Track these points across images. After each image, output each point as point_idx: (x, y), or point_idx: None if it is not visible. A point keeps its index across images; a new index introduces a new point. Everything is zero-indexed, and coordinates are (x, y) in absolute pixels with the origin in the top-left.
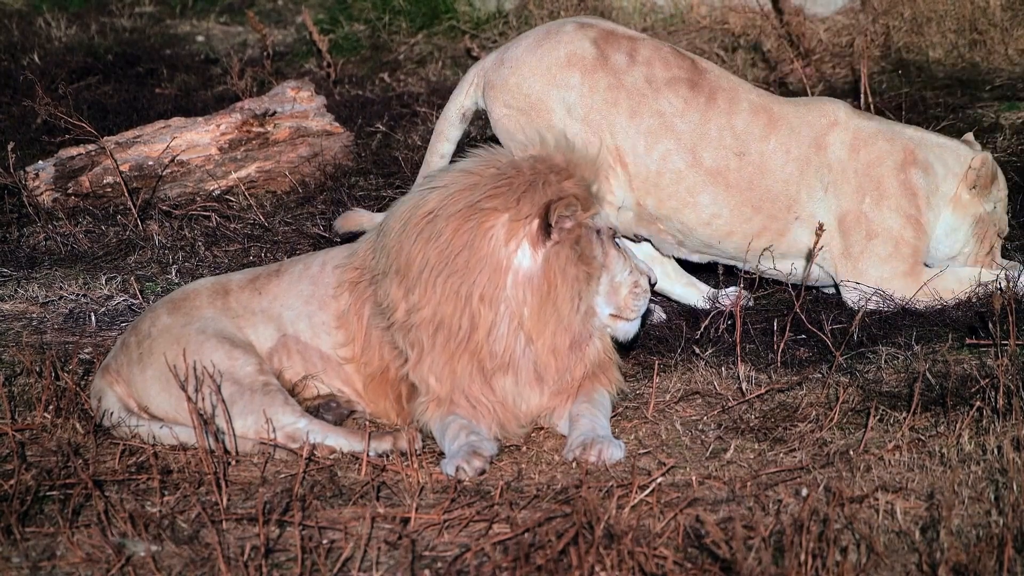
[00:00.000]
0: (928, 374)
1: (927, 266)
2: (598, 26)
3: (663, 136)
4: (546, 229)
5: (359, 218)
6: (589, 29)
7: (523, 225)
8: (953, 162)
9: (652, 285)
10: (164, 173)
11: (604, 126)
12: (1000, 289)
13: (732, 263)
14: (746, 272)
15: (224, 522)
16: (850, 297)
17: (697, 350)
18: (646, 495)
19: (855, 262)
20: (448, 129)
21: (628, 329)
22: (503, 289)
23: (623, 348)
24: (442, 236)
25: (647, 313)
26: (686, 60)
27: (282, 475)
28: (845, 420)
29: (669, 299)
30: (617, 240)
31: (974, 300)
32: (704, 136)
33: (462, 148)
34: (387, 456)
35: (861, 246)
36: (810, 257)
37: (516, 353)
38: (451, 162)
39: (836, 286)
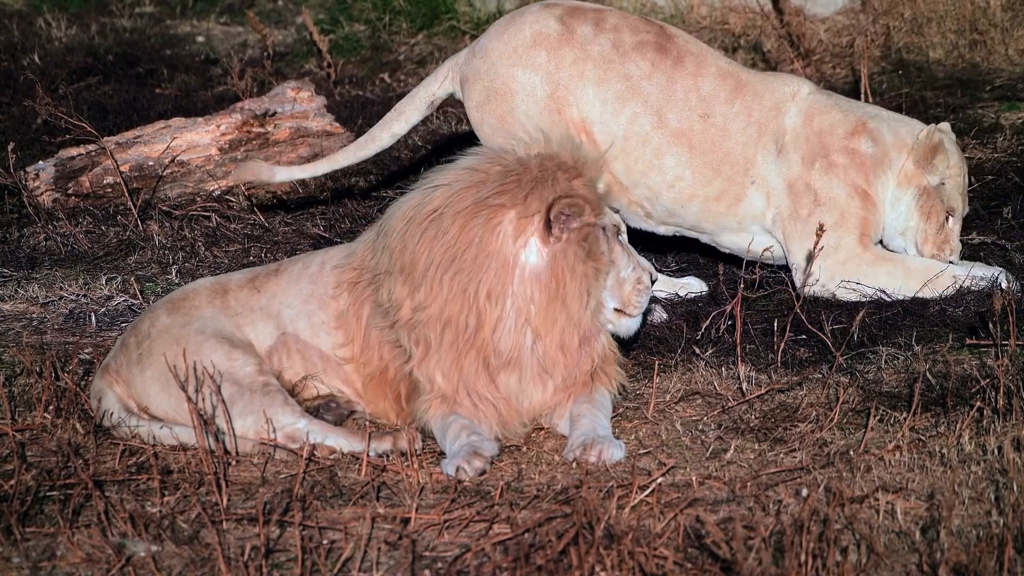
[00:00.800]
0: (928, 374)
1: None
2: (563, 4)
3: (631, 99)
4: (548, 226)
5: (256, 169)
6: (554, 8)
7: (531, 221)
8: (905, 133)
9: (652, 282)
10: (164, 173)
11: (571, 100)
12: (1001, 290)
13: (694, 234)
14: (708, 245)
15: (224, 522)
16: (799, 276)
17: (697, 350)
18: (646, 495)
19: (804, 223)
20: (410, 111)
21: (631, 325)
22: (510, 285)
23: (624, 347)
24: (448, 233)
25: (647, 310)
26: (654, 26)
27: (282, 475)
28: (845, 420)
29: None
30: (621, 237)
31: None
32: (670, 97)
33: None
34: (387, 456)
35: (809, 209)
36: (763, 227)
37: (523, 350)
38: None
39: (786, 261)
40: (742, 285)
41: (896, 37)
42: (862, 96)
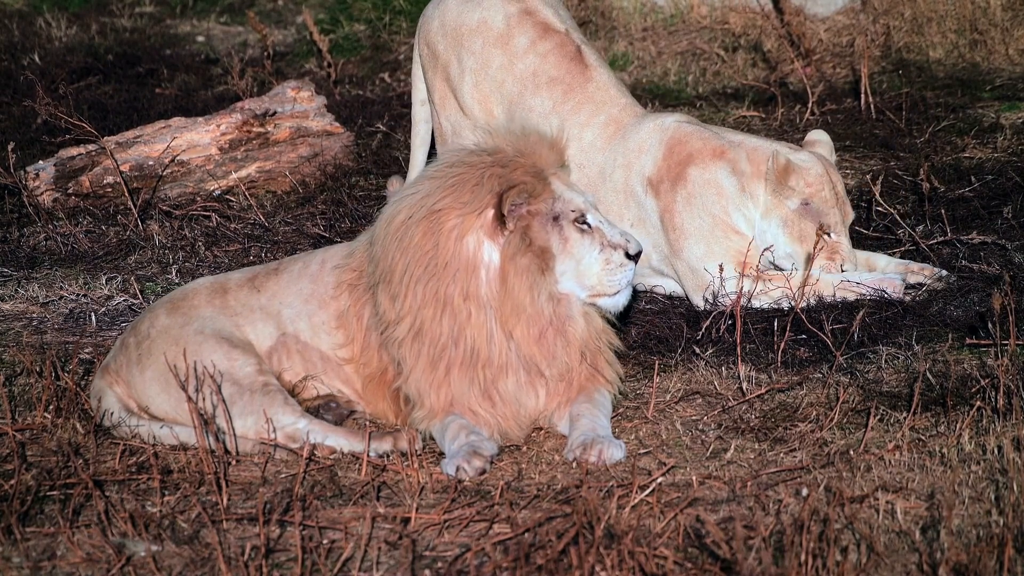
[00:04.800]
0: (928, 374)
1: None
2: (526, 3)
3: None
4: (501, 219)
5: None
6: (513, 4)
7: (476, 220)
8: (760, 161)
9: (634, 255)
10: (164, 173)
11: (488, 101)
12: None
13: None
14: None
15: (224, 522)
16: (697, 301)
17: (697, 350)
18: (646, 495)
19: (680, 260)
20: (418, 70)
21: (613, 303)
22: (478, 286)
23: (623, 345)
24: (413, 241)
25: (635, 286)
26: (580, 64)
27: (282, 475)
28: (845, 420)
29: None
30: (588, 218)
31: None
32: None
33: None
34: (387, 456)
35: (679, 244)
36: (660, 271)
37: (506, 351)
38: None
39: (683, 289)
40: (742, 285)
41: (896, 37)
42: (862, 96)
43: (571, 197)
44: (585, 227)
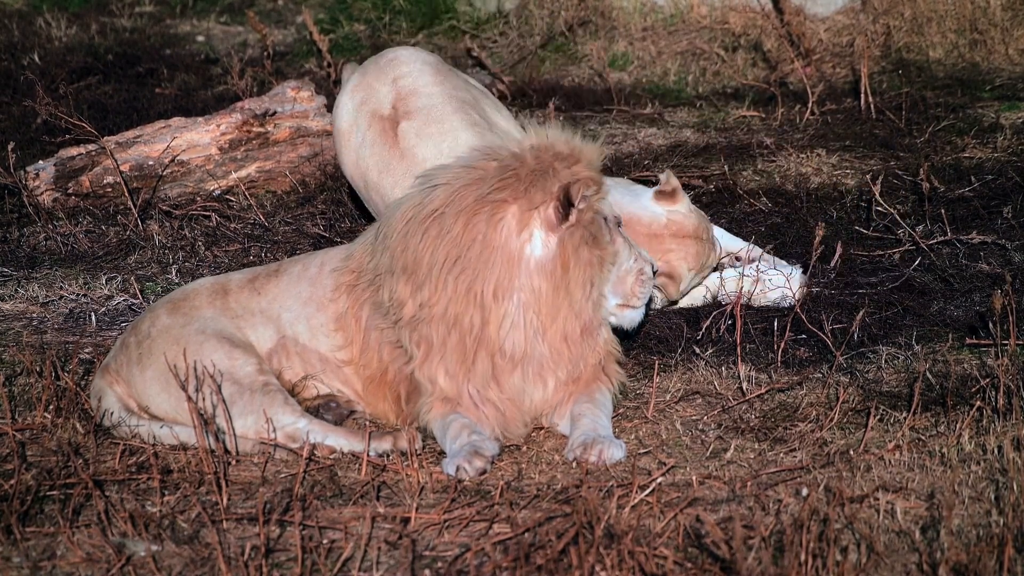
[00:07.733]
0: (928, 374)
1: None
2: (400, 89)
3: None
4: (565, 212)
5: None
6: (388, 85)
7: (535, 213)
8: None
9: (654, 273)
10: (164, 173)
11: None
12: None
13: None
14: None
15: (224, 522)
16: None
17: (697, 350)
18: (646, 495)
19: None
20: None
21: (634, 317)
22: (516, 279)
23: (625, 346)
24: (452, 232)
25: (649, 301)
26: (395, 148)
27: (282, 475)
28: (845, 420)
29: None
30: (620, 229)
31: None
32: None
33: None
34: (387, 456)
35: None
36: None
37: (529, 345)
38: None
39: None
40: (742, 285)
41: (896, 37)
42: (862, 96)
43: (609, 203)
44: (622, 233)
